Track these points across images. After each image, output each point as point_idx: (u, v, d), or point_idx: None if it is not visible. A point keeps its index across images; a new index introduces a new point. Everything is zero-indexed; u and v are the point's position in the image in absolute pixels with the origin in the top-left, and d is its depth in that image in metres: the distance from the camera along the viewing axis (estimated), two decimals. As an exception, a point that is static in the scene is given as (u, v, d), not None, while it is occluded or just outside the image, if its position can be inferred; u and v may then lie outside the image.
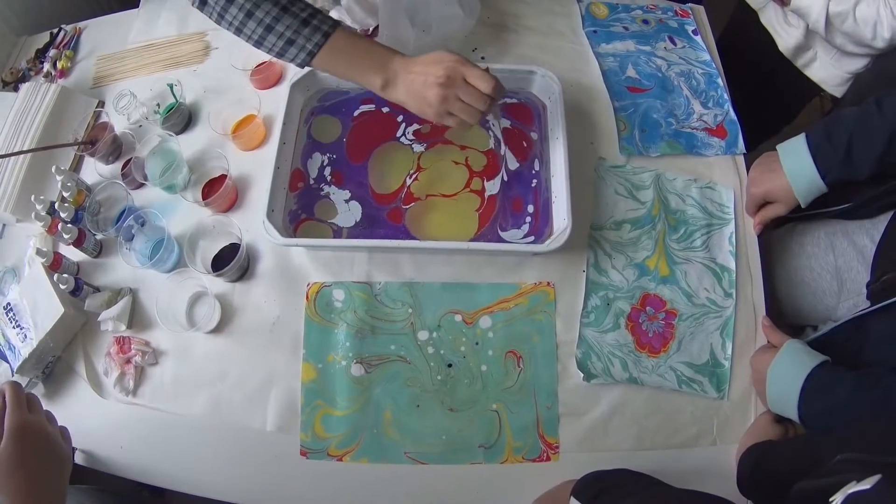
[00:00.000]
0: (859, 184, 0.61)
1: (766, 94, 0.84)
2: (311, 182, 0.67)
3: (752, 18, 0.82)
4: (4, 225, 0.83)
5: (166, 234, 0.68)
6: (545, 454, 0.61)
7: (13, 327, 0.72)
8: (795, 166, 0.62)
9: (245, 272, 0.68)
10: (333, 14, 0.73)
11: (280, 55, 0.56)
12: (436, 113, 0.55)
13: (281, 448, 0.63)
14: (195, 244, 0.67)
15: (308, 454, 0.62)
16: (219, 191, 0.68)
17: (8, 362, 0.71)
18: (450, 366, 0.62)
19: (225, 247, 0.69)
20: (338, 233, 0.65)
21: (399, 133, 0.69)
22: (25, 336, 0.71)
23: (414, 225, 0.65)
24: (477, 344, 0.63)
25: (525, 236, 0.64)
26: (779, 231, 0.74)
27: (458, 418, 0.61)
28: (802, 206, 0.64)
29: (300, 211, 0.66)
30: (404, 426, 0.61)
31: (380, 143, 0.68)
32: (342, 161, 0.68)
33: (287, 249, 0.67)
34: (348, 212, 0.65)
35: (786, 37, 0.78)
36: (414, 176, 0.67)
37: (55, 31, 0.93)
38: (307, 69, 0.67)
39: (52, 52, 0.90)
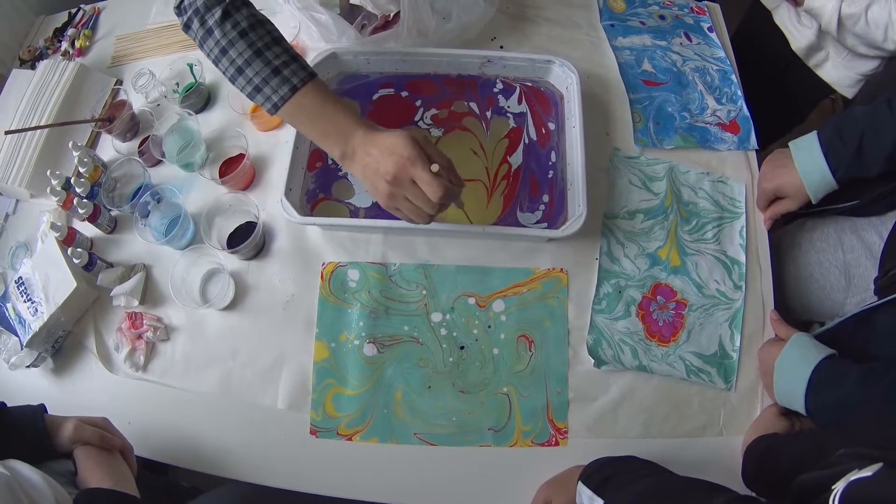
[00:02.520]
0: (869, 181, 0.61)
1: (778, 92, 0.84)
2: (329, 162, 0.67)
3: (765, 17, 0.82)
4: (18, 200, 0.83)
5: (183, 210, 0.68)
6: (554, 439, 0.61)
7: (24, 301, 0.72)
8: (807, 162, 0.63)
9: (260, 250, 0.68)
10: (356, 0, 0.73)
11: (250, 98, 0.53)
12: (384, 205, 0.52)
13: (291, 426, 0.62)
14: (211, 221, 0.66)
15: (318, 433, 0.61)
16: (236, 169, 0.67)
17: (18, 336, 0.71)
18: (462, 348, 0.62)
19: (241, 225, 0.69)
20: (354, 213, 0.65)
21: (417, 117, 0.69)
22: (36, 310, 0.70)
23: None
24: (490, 327, 0.63)
25: (538, 222, 0.64)
26: (788, 226, 0.74)
27: (468, 400, 0.61)
28: (813, 202, 0.64)
29: (318, 190, 0.66)
30: (415, 407, 0.61)
31: (397, 126, 0.68)
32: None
33: (303, 229, 0.67)
34: (365, 192, 0.65)
35: (798, 36, 0.78)
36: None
37: (73, 10, 0.93)
38: (327, 51, 0.68)
39: (70, 31, 0.90)
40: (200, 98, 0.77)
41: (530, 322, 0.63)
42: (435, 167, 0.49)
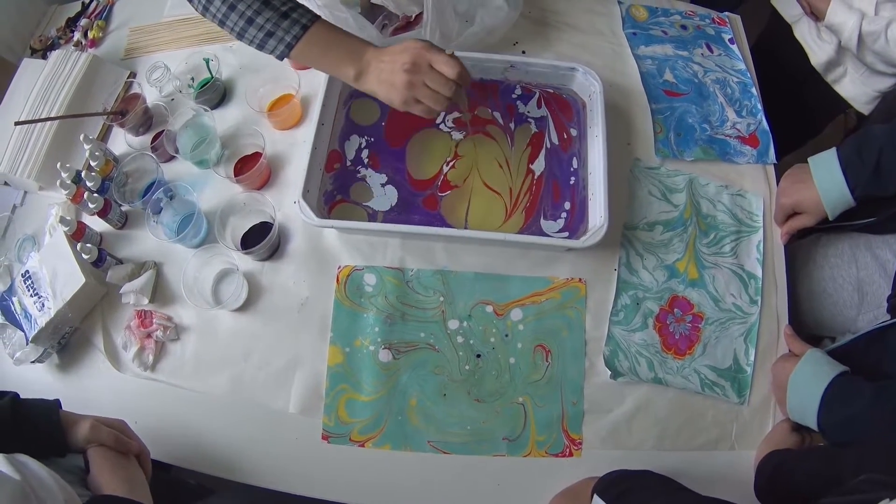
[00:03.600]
0: (886, 199, 0.60)
1: (794, 105, 0.84)
2: (348, 164, 0.66)
3: (784, 31, 0.81)
4: (26, 193, 0.80)
5: (197, 208, 0.66)
6: (568, 449, 0.60)
7: (31, 295, 0.70)
8: (826, 179, 0.62)
9: (275, 251, 0.66)
10: (376, -1, 0.71)
11: (260, 47, 0.56)
12: (402, 100, 0.54)
13: (302, 431, 0.61)
14: (226, 220, 0.65)
15: (330, 438, 0.60)
16: (253, 168, 0.66)
17: (23, 331, 0.69)
18: (478, 356, 0.61)
19: (255, 225, 0.67)
20: (373, 216, 0.63)
21: (439, 120, 0.67)
22: (43, 305, 0.68)
23: (449, 213, 0.63)
24: (507, 336, 0.61)
25: (560, 231, 0.62)
26: (803, 242, 0.73)
27: (483, 409, 0.60)
28: (830, 218, 0.64)
29: (335, 192, 0.64)
30: (429, 414, 0.60)
31: (418, 129, 0.67)
32: (380, 144, 0.66)
33: (319, 231, 0.65)
34: (384, 196, 0.64)
35: (818, 51, 0.77)
36: (451, 163, 0.65)
37: (87, 0, 0.90)
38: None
39: (83, 22, 0.88)
40: (216, 94, 0.75)
41: (548, 332, 0.62)
42: (449, 50, 0.53)
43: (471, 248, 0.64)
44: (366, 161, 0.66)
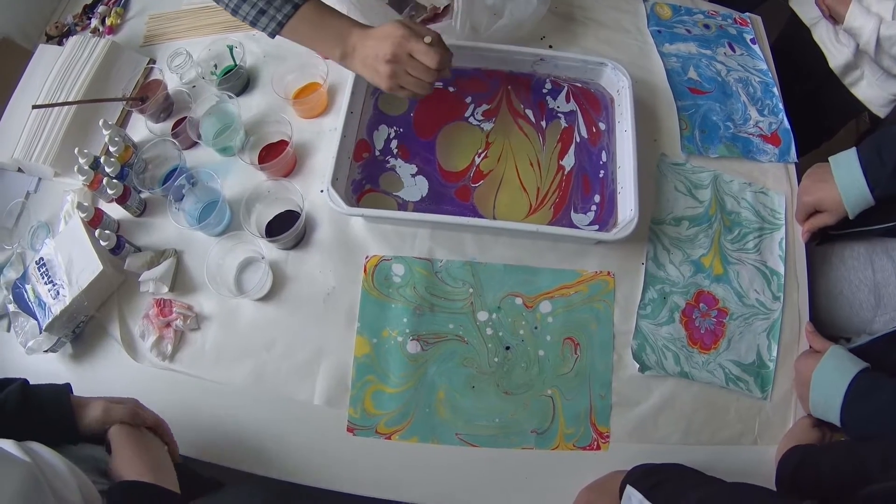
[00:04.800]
0: None
1: (811, 107, 0.84)
2: (377, 153, 0.64)
3: (803, 33, 0.81)
4: (40, 179, 0.78)
5: (221, 196, 0.64)
6: (596, 443, 0.58)
7: (45, 283, 0.67)
8: (847, 178, 0.62)
9: (301, 240, 0.64)
10: (405, -10, 0.70)
11: (253, 24, 0.57)
12: (387, 87, 0.56)
13: (327, 423, 0.59)
14: (250, 208, 0.63)
15: (355, 430, 0.58)
16: (279, 156, 0.64)
17: (36, 319, 0.66)
18: (508, 348, 0.60)
19: (280, 213, 0.65)
20: (403, 206, 0.62)
21: (468, 113, 0.66)
22: (58, 293, 0.66)
23: (481, 204, 0.62)
24: (536, 328, 0.60)
25: (590, 224, 0.62)
26: (821, 246, 0.73)
27: (512, 402, 0.59)
28: (850, 217, 0.64)
29: (364, 181, 0.63)
30: (458, 407, 0.58)
31: (448, 121, 0.66)
32: (409, 135, 0.65)
33: (346, 220, 0.64)
34: (414, 186, 0.62)
35: (836, 54, 0.78)
36: (483, 154, 0.64)
37: (104, -14, 0.88)
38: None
39: (100, 9, 0.85)
40: (240, 81, 0.73)
41: (577, 324, 0.61)
42: (428, 39, 0.54)
43: (500, 239, 0.63)
44: (395, 151, 0.64)
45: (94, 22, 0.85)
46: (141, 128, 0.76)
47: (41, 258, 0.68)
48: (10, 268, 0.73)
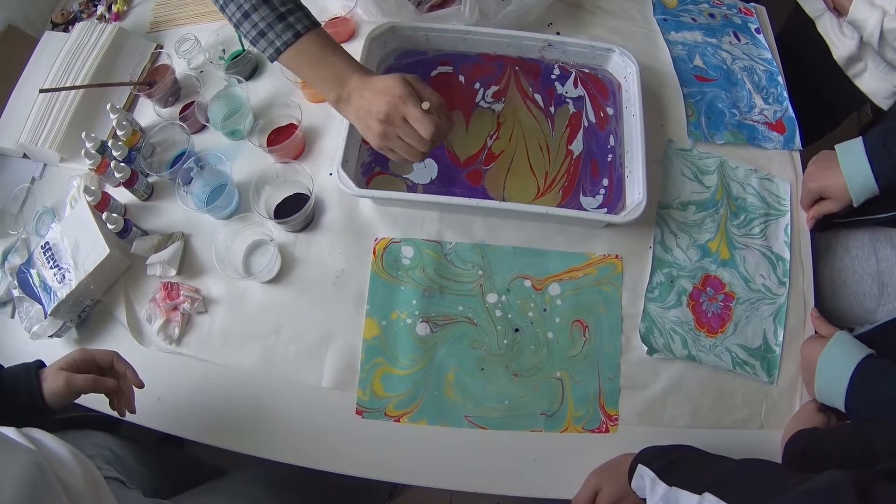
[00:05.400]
0: None
1: (815, 98, 0.84)
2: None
3: (807, 25, 0.82)
4: (45, 165, 0.77)
5: (229, 178, 0.64)
6: (604, 425, 0.58)
7: (51, 267, 0.67)
8: (852, 166, 0.62)
9: (309, 223, 0.64)
10: (413, -24, 0.70)
11: (253, 43, 0.54)
12: (377, 145, 0.53)
13: (335, 406, 0.59)
14: (259, 191, 0.62)
15: (364, 413, 0.58)
16: (288, 139, 0.64)
17: (42, 304, 0.66)
18: (517, 330, 0.60)
19: (288, 196, 0.65)
20: (412, 188, 0.62)
21: (478, 98, 0.66)
22: (64, 277, 0.65)
23: (492, 186, 0.62)
24: (545, 310, 0.60)
25: (598, 207, 0.62)
26: (825, 234, 0.74)
27: (521, 384, 0.58)
28: (855, 205, 0.64)
29: (374, 164, 0.63)
30: (467, 389, 0.58)
31: (460, 107, 0.65)
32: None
33: (355, 203, 0.64)
34: (424, 169, 0.63)
35: (840, 46, 0.78)
36: (494, 136, 0.64)
37: (111, -27, 0.88)
38: (387, 24, 0.64)
39: (107, -6, 0.85)
40: (248, 66, 0.73)
41: (585, 307, 0.61)
42: (426, 105, 0.50)
43: (509, 222, 0.63)
44: (404, 134, 0.64)
45: (101, 9, 0.84)
46: (147, 113, 0.75)
47: (47, 242, 0.67)
48: (14, 253, 0.73)
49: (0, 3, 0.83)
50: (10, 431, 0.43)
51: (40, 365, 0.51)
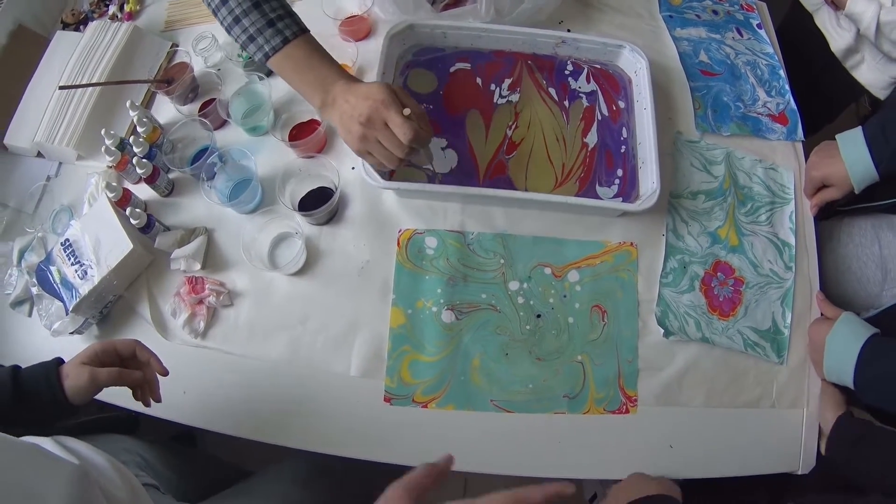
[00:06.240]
0: None
1: (814, 90, 0.89)
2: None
3: (805, 19, 0.86)
4: (60, 163, 0.79)
5: (254, 173, 0.66)
6: (624, 406, 0.62)
7: (72, 264, 0.68)
8: (853, 154, 0.66)
9: (333, 216, 0.66)
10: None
11: (243, 47, 0.57)
12: (356, 149, 0.55)
13: (363, 394, 0.62)
14: (284, 185, 0.65)
15: (392, 400, 0.61)
16: (310, 134, 0.66)
17: (63, 301, 0.67)
18: (538, 316, 0.63)
19: (311, 190, 0.67)
20: (432, 178, 0.64)
21: (496, 98, 0.70)
22: (86, 273, 0.67)
23: (515, 175, 0.66)
24: (565, 297, 0.63)
25: (614, 197, 0.65)
26: (828, 222, 0.78)
27: (544, 368, 0.61)
28: (856, 191, 0.68)
29: (396, 157, 0.65)
30: (492, 374, 0.61)
31: (477, 105, 0.69)
32: (439, 111, 0.68)
33: (378, 195, 0.67)
34: (444, 159, 0.65)
35: (838, 39, 0.82)
36: (513, 125, 0.68)
37: (122, -27, 0.89)
38: (405, 23, 0.67)
39: (119, -6, 0.86)
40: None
41: (603, 293, 0.64)
42: (407, 111, 0.52)
43: (529, 212, 0.66)
44: (425, 127, 0.67)
45: (112, 8, 0.86)
46: (165, 110, 0.77)
47: (67, 239, 0.69)
48: (31, 252, 0.74)
49: (9, 2, 0.84)
50: (47, 443, 0.44)
51: (60, 362, 0.51)
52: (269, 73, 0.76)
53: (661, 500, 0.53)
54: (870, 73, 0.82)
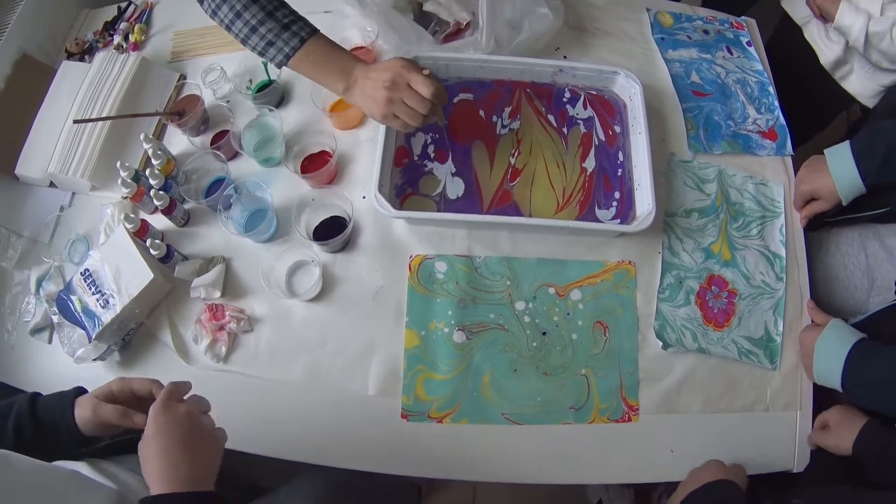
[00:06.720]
0: (894, 188, 0.72)
1: (804, 101, 0.97)
2: (415, 158, 0.75)
3: (794, 32, 0.94)
4: (74, 193, 0.85)
5: (270, 204, 0.73)
6: (627, 415, 0.70)
7: (93, 294, 0.75)
8: (840, 168, 0.74)
9: (347, 244, 0.74)
10: (429, 7, 0.80)
11: (261, 54, 0.66)
12: (382, 114, 0.63)
13: (382, 411, 0.70)
14: (299, 215, 0.72)
15: (409, 417, 0.69)
16: (322, 166, 0.74)
17: (84, 328, 0.74)
18: (544, 334, 0.71)
19: (325, 219, 0.75)
20: (440, 205, 0.72)
21: (499, 129, 0.79)
22: (107, 302, 0.74)
23: (521, 200, 0.75)
24: (568, 314, 0.72)
25: (612, 218, 0.74)
26: (817, 233, 0.86)
27: (551, 382, 0.70)
28: (844, 203, 0.76)
29: (406, 185, 0.74)
30: (502, 389, 0.69)
31: (481, 137, 0.77)
32: (445, 140, 0.76)
33: (389, 223, 0.74)
34: (451, 185, 0.74)
35: (827, 51, 0.90)
36: (515, 152, 0.77)
37: (123, 4, 0.96)
38: (409, 54, 0.75)
39: (122, 25, 0.94)
40: (275, 96, 0.83)
41: (604, 309, 0.72)
42: (426, 71, 0.62)
43: (532, 236, 0.74)
44: (432, 156, 0.76)
45: (117, 38, 0.93)
46: (176, 141, 0.85)
47: (86, 269, 0.76)
48: (49, 281, 0.81)
49: (12, 30, 0.90)
50: (82, 467, 0.50)
51: (78, 391, 0.55)
52: (277, 105, 0.84)
53: (723, 484, 0.62)
54: (859, 83, 0.91)
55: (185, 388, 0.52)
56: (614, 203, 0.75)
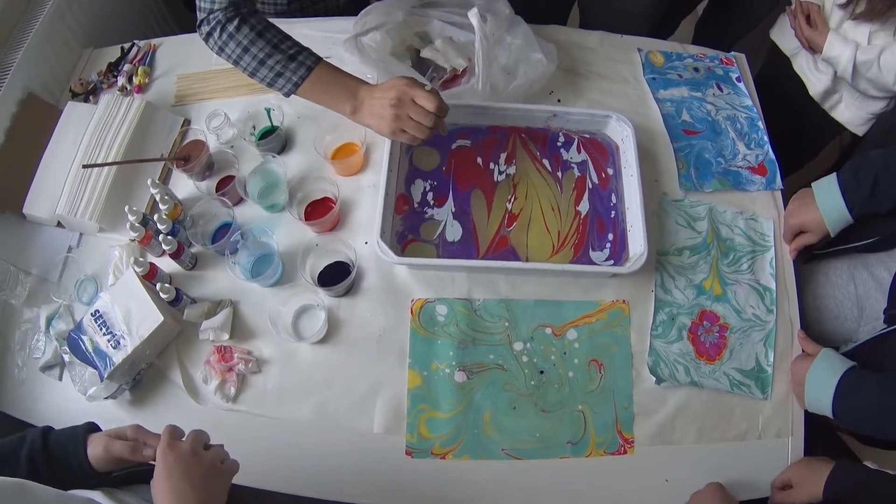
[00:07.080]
0: (882, 218, 0.77)
1: (794, 132, 1.04)
2: (416, 205, 0.82)
3: (783, 64, 1.01)
4: (81, 234, 0.92)
5: (275, 250, 0.80)
6: (623, 448, 0.77)
7: (104, 334, 0.81)
8: (828, 201, 0.80)
9: (350, 288, 0.81)
10: (426, 53, 0.87)
11: (270, 85, 0.74)
12: (390, 130, 0.71)
13: (386, 449, 0.76)
14: (305, 260, 0.79)
15: (413, 454, 0.75)
16: (326, 213, 0.80)
17: (96, 368, 0.80)
18: (542, 372, 0.78)
19: (329, 264, 0.81)
20: (439, 248, 0.79)
21: (496, 176, 0.86)
22: (118, 343, 0.80)
23: (517, 244, 0.82)
24: (565, 353, 0.78)
25: (606, 259, 0.80)
26: (807, 265, 0.92)
27: (549, 418, 0.76)
28: (832, 235, 0.82)
29: (407, 232, 0.81)
30: (502, 426, 0.76)
31: (479, 184, 0.84)
32: (443, 186, 0.83)
33: (391, 268, 0.81)
34: (451, 229, 0.80)
35: (816, 82, 0.97)
36: (512, 198, 0.84)
37: (127, 45, 1.03)
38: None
39: (126, 67, 1.00)
40: (278, 142, 0.90)
41: (599, 348, 0.79)
42: (428, 87, 0.70)
43: (529, 278, 0.81)
44: (431, 202, 0.82)
45: (121, 80, 0.99)
46: (181, 185, 0.91)
47: (97, 310, 0.82)
48: (59, 319, 0.88)
49: (17, 70, 0.96)
50: (98, 496, 0.54)
51: (91, 427, 0.59)
52: (280, 152, 0.90)
53: None
54: (848, 112, 0.97)
55: (181, 433, 0.58)
56: (608, 245, 0.82)
